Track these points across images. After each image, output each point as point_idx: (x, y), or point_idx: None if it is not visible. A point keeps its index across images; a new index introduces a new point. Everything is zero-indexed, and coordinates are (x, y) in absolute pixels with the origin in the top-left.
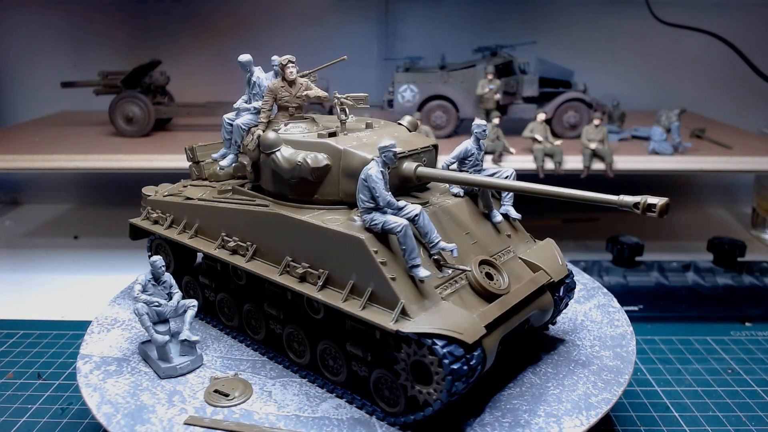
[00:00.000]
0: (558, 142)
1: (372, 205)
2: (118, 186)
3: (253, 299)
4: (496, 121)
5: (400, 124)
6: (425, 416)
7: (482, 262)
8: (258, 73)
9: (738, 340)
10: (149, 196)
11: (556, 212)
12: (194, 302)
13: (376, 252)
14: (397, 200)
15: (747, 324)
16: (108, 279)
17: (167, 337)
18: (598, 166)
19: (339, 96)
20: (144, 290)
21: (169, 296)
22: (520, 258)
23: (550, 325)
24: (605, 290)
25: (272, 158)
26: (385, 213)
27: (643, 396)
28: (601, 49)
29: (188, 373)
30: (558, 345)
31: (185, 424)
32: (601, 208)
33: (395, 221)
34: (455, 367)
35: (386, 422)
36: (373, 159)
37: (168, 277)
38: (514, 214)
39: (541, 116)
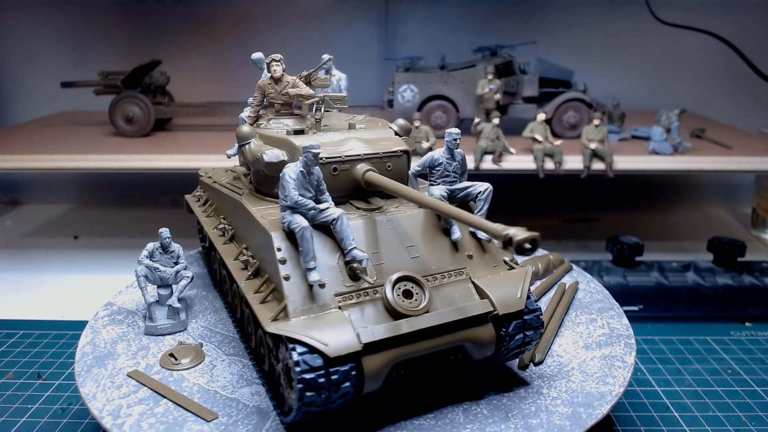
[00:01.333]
0: (558, 142)
1: (286, 204)
2: (118, 186)
3: (232, 280)
4: (496, 121)
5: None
6: (290, 422)
7: (404, 279)
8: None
9: (738, 340)
10: (201, 176)
11: (556, 212)
12: (190, 274)
13: (279, 249)
14: (321, 202)
15: (747, 324)
16: (108, 279)
17: (154, 299)
18: (598, 166)
19: (324, 95)
20: (151, 256)
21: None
22: (473, 282)
23: (533, 365)
24: (631, 341)
25: (242, 150)
26: (295, 212)
27: (643, 396)
28: (601, 49)
29: (168, 334)
30: (516, 388)
31: (127, 375)
32: (602, 208)
33: (297, 222)
34: (308, 377)
35: (279, 418)
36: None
37: (176, 248)
38: (481, 234)
39: (541, 116)
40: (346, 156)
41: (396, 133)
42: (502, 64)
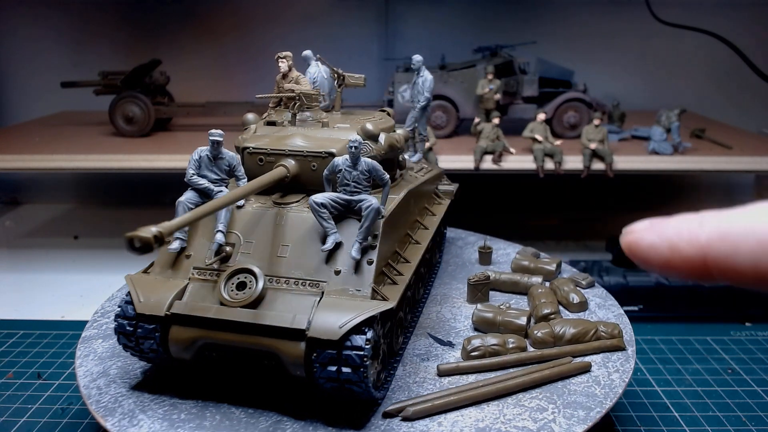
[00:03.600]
0: (558, 142)
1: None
2: (118, 186)
3: None
4: (496, 121)
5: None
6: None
7: (246, 271)
8: (311, 68)
9: (738, 340)
10: None
11: (556, 212)
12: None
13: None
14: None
15: (747, 324)
16: (108, 279)
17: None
18: (598, 166)
19: (299, 92)
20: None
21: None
22: (319, 299)
23: (399, 418)
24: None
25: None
26: (190, 189)
27: (643, 396)
28: (601, 49)
29: None
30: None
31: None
32: (602, 208)
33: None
34: (119, 322)
35: None
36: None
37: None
38: (353, 252)
39: (541, 116)
40: (271, 149)
41: (370, 136)
42: (502, 64)
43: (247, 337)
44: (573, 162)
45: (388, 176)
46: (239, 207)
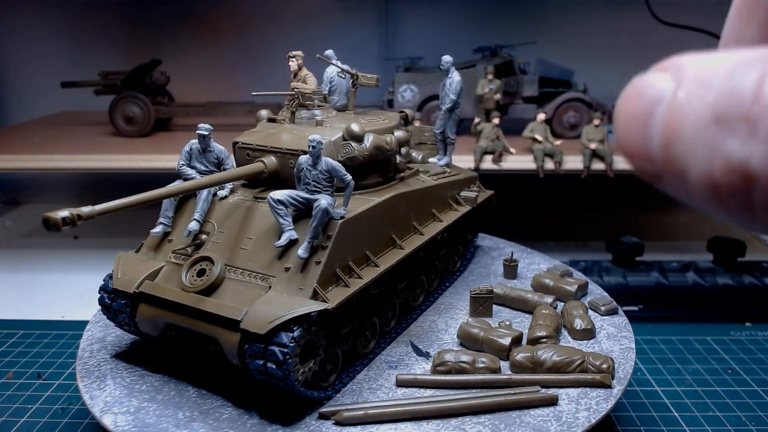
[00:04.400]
0: (558, 142)
1: None
2: (118, 186)
3: None
4: (496, 121)
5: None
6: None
7: (206, 259)
8: (329, 68)
9: (738, 340)
10: None
11: (556, 212)
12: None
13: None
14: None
15: (747, 324)
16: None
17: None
18: (598, 166)
19: (297, 90)
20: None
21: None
22: (265, 293)
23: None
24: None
25: None
26: (179, 178)
27: (643, 396)
28: (601, 49)
29: None
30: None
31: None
32: (602, 208)
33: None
34: (100, 294)
35: None
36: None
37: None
38: (300, 251)
39: (541, 116)
40: (256, 145)
41: (353, 137)
42: (502, 64)
43: (196, 321)
44: (573, 162)
45: (349, 177)
46: (222, 198)
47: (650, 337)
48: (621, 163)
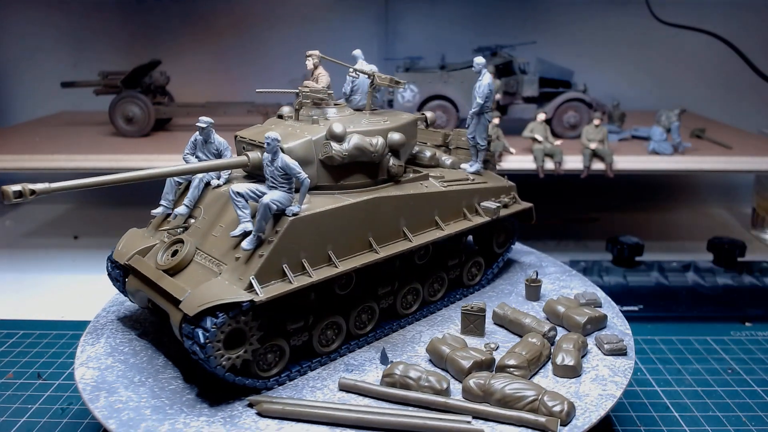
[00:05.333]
0: (558, 142)
1: None
2: (118, 186)
3: None
4: (496, 121)
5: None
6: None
7: (181, 242)
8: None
9: (738, 340)
10: None
11: (556, 212)
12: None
13: None
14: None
15: (747, 324)
16: (108, 279)
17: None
18: (598, 166)
19: (302, 88)
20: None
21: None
22: (213, 279)
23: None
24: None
25: None
26: None
27: (643, 396)
28: (601, 49)
29: None
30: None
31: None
32: (602, 208)
33: None
34: (106, 263)
35: None
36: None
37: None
38: (244, 243)
39: (541, 116)
40: (249, 139)
41: (333, 136)
42: (502, 64)
43: (158, 297)
44: (573, 162)
45: (304, 176)
46: (215, 187)
47: (650, 337)
48: (621, 163)
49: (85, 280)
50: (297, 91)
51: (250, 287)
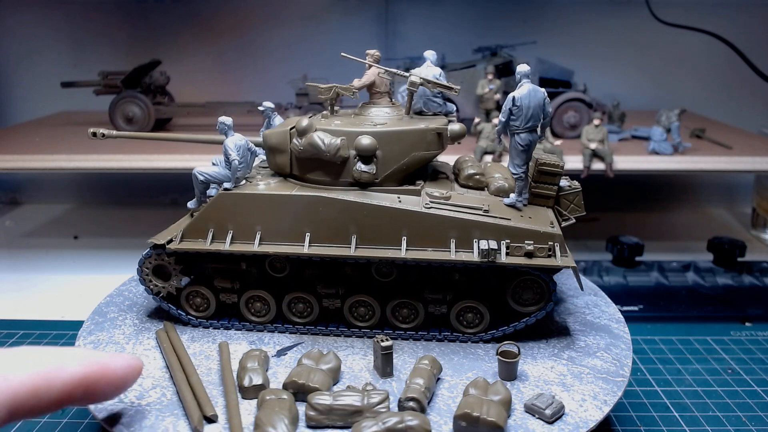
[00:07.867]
0: (558, 142)
1: None
2: (118, 186)
3: None
4: (495, 121)
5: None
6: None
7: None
8: (420, 68)
9: (738, 340)
10: None
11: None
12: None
13: None
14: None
15: (747, 324)
16: (108, 279)
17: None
18: (598, 166)
19: (337, 86)
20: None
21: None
22: (173, 226)
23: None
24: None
25: None
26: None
27: (643, 396)
28: (601, 49)
29: None
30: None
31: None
32: (602, 208)
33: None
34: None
35: None
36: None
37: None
38: (189, 202)
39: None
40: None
41: (298, 131)
42: (502, 64)
43: None
44: (573, 162)
45: (234, 159)
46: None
47: (650, 337)
48: (621, 163)
49: (85, 280)
50: (331, 87)
51: (181, 238)
